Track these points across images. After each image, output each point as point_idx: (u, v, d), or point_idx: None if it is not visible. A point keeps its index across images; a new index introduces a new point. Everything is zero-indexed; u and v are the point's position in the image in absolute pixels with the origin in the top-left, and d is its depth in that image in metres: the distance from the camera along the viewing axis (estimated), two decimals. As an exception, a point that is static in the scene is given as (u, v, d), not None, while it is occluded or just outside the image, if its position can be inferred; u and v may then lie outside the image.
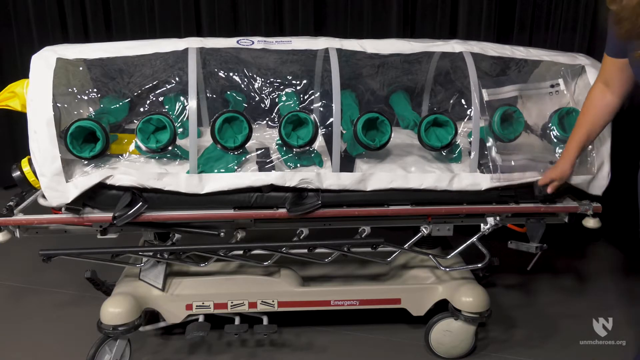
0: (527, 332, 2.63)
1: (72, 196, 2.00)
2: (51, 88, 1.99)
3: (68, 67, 2.19)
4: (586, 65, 2.28)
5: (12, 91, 2.11)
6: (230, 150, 2.13)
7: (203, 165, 2.10)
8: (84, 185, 2.00)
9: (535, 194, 2.18)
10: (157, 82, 2.31)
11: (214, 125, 2.11)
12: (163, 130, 2.13)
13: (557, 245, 3.23)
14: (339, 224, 2.26)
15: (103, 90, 2.34)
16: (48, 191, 2.00)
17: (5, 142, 4.28)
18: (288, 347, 2.50)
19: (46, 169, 1.98)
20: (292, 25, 3.76)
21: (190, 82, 2.07)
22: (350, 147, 2.26)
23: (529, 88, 2.35)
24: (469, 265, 2.42)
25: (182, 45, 2.16)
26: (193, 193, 2.07)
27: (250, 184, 2.08)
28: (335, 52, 2.18)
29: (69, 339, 2.55)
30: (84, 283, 2.51)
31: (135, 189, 2.05)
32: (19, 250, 3.04)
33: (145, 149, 2.12)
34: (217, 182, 2.07)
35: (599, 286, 3.04)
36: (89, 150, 2.05)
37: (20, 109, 2.11)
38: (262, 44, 2.21)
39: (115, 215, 2.04)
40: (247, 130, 2.12)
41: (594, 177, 2.22)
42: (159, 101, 2.31)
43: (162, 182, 2.05)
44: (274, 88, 2.37)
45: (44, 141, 1.97)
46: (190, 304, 2.33)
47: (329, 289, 2.40)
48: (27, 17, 4.03)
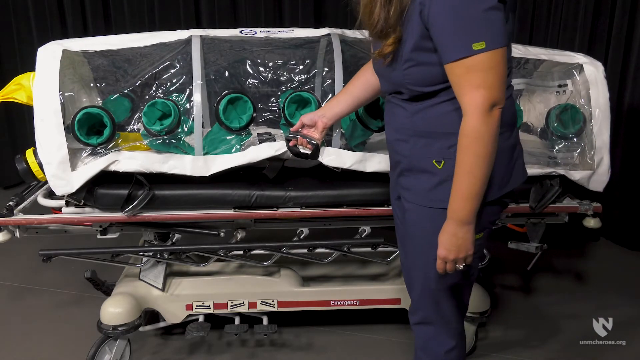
0: (527, 332, 2.63)
1: (78, 184, 2.00)
2: (58, 76, 1.99)
3: (74, 58, 2.19)
4: (584, 64, 2.27)
5: (19, 83, 2.10)
6: (235, 131, 2.13)
7: (207, 147, 2.10)
8: (89, 172, 2.00)
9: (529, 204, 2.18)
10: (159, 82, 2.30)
11: (217, 106, 2.10)
12: (168, 117, 2.13)
13: (557, 245, 3.23)
14: (339, 224, 2.26)
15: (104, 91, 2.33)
16: (53, 180, 1.99)
17: (5, 142, 4.28)
18: (288, 347, 2.50)
19: (52, 157, 1.97)
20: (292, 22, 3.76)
21: (195, 68, 2.07)
22: (348, 139, 2.25)
23: (536, 84, 2.34)
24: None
25: (186, 34, 2.17)
26: (199, 176, 2.06)
27: (252, 158, 2.05)
28: (338, 37, 2.19)
29: (69, 339, 2.55)
30: (84, 283, 2.51)
31: (140, 174, 2.04)
32: (19, 250, 3.05)
33: (150, 133, 2.11)
34: (221, 163, 2.06)
35: (599, 286, 3.04)
36: (96, 138, 2.05)
37: (25, 101, 2.10)
38: (265, 34, 2.22)
39: (123, 205, 2.04)
40: (251, 111, 2.11)
41: (594, 173, 2.21)
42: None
43: (167, 165, 2.04)
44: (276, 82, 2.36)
45: (50, 129, 1.97)
46: (190, 304, 2.33)
47: (329, 289, 2.40)
48: (27, 17, 4.03)
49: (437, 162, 1.53)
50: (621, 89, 3.32)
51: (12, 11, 4.04)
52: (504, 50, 1.38)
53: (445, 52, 1.39)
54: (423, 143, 1.54)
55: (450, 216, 1.47)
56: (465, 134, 1.40)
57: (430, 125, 1.52)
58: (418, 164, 1.56)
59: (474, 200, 1.44)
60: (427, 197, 1.56)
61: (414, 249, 1.67)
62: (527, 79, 2.32)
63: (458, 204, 1.45)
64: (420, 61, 1.46)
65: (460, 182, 1.43)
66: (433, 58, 1.44)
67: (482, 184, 1.43)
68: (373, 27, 1.50)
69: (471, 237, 1.48)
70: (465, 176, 1.42)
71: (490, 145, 1.40)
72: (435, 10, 1.37)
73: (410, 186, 1.61)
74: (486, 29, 1.36)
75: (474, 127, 1.38)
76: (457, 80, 1.41)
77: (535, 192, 2.20)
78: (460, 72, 1.38)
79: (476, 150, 1.39)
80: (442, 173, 1.52)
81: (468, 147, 1.40)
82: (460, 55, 1.37)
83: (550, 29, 3.42)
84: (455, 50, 1.37)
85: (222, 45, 2.33)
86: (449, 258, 1.50)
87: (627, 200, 3.40)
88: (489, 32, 1.36)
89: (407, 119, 1.56)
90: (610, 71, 3.24)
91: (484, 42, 1.35)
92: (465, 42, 1.35)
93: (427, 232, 1.58)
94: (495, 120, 1.39)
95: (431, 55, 1.44)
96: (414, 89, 1.50)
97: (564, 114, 2.25)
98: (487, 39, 1.35)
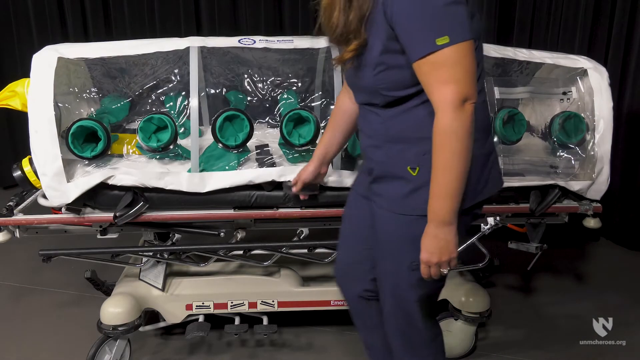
0: (527, 332, 2.63)
1: (73, 196, 2.00)
2: (52, 87, 1.98)
3: (69, 66, 2.19)
4: (589, 69, 2.26)
5: (13, 90, 2.10)
6: (232, 149, 2.13)
7: (204, 164, 2.10)
8: (85, 185, 2.00)
9: (529, 206, 2.18)
10: (158, 82, 2.31)
11: (215, 124, 2.11)
12: (164, 129, 2.13)
13: (557, 245, 3.23)
14: (339, 224, 2.25)
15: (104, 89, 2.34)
16: (49, 191, 2.00)
17: (5, 142, 4.28)
18: (288, 347, 2.50)
19: (47, 168, 1.97)
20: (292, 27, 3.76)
21: (192, 80, 2.07)
22: (350, 148, 2.26)
23: (541, 91, 2.33)
24: (469, 265, 2.42)
25: (184, 44, 2.16)
26: (195, 192, 2.07)
27: (251, 180, 2.07)
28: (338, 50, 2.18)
29: (69, 339, 2.55)
30: (84, 283, 2.51)
31: (136, 188, 2.05)
32: (19, 250, 3.05)
33: (147, 148, 2.12)
34: (218, 180, 2.07)
35: (599, 286, 3.04)
36: (90, 150, 2.05)
37: (20, 108, 2.10)
38: (264, 43, 2.21)
39: (116, 214, 2.04)
40: (248, 129, 2.11)
41: (593, 183, 2.21)
42: (160, 100, 2.31)
43: (163, 182, 2.05)
44: (274, 87, 2.37)
45: (45, 140, 1.96)
46: (190, 304, 2.33)
47: (329, 289, 2.40)
48: (27, 17, 4.03)
49: (411, 169, 1.48)
50: (621, 89, 3.32)
51: (12, 12, 4.04)
52: (469, 44, 1.35)
53: (411, 50, 1.37)
54: (397, 149, 1.50)
55: (431, 218, 1.43)
56: (438, 132, 1.36)
57: (404, 130, 1.48)
58: (392, 170, 1.52)
59: (453, 199, 1.39)
60: (400, 204, 1.51)
61: (383, 256, 1.62)
62: (532, 87, 2.31)
63: (437, 203, 1.40)
64: (391, 64, 1.43)
65: (438, 181, 1.39)
66: (402, 60, 1.41)
67: (460, 181, 1.38)
68: (332, 32, 1.47)
69: (454, 239, 1.44)
70: (442, 174, 1.38)
71: (465, 140, 1.36)
72: (397, 8, 1.35)
73: (383, 192, 1.56)
74: (449, 24, 1.33)
75: (447, 123, 1.35)
76: (425, 79, 1.37)
77: (535, 195, 2.20)
78: (427, 69, 1.35)
79: (451, 147, 1.35)
80: (416, 180, 1.48)
81: (442, 144, 1.36)
82: (424, 51, 1.33)
83: (550, 29, 3.42)
84: (420, 47, 1.34)
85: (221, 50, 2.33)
86: (432, 261, 1.45)
87: (627, 201, 3.40)
88: (451, 26, 1.33)
89: (380, 125, 1.52)
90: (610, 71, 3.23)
91: (448, 36, 1.31)
92: (429, 38, 1.32)
93: (398, 239, 1.55)
94: (468, 115, 1.35)
95: (400, 57, 1.41)
96: (388, 94, 1.47)
97: (567, 123, 2.24)
98: (451, 33, 1.32)
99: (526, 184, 2.17)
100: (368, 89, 1.51)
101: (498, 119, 2.22)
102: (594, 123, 2.20)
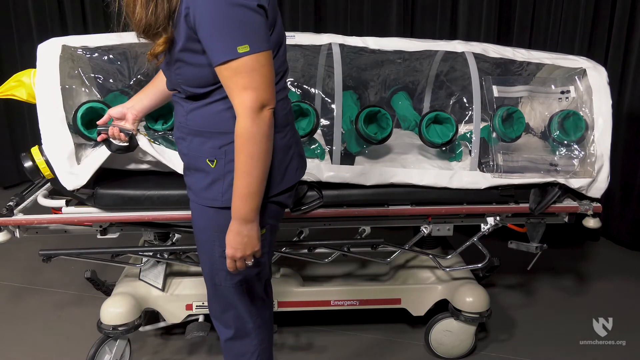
0: (527, 332, 2.64)
1: (86, 177, 2.00)
2: (58, 72, 2.00)
3: (73, 55, 2.20)
4: (588, 69, 2.26)
5: (19, 80, 2.10)
6: None
7: None
8: (95, 162, 2.00)
9: (529, 206, 2.18)
10: None
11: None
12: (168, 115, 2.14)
13: (557, 245, 3.23)
14: (339, 224, 2.26)
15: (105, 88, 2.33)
16: (64, 175, 2.00)
17: (5, 142, 4.28)
18: (288, 347, 2.50)
19: (60, 152, 1.98)
20: (292, 25, 3.76)
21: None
22: (349, 145, 2.26)
23: (539, 90, 2.34)
24: (469, 265, 2.42)
25: None
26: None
27: None
28: (338, 46, 2.19)
29: (69, 339, 2.55)
30: (84, 283, 2.51)
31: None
32: (19, 250, 3.05)
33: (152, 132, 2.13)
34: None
35: (599, 286, 3.04)
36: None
37: (25, 98, 2.10)
38: None
39: None
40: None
41: (593, 180, 2.21)
42: None
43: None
44: None
45: (55, 124, 1.98)
46: (190, 304, 2.33)
47: (329, 289, 2.40)
48: (27, 17, 4.03)
49: (210, 161, 1.55)
50: (621, 89, 3.32)
51: (12, 10, 4.04)
52: (268, 54, 1.43)
53: (213, 55, 1.42)
54: (198, 142, 1.56)
55: (234, 216, 1.50)
56: (238, 135, 1.44)
57: (203, 124, 1.54)
58: (195, 162, 1.59)
59: (254, 199, 1.48)
60: (202, 196, 1.59)
61: (199, 246, 1.70)
62: (530, 86, 2.31)
63: (238, 203, 1.48)
64: (190, 62, 1.48)
65: (239, 182, 1.47)
66: (202, 60, 1.46)
67: (259, 183, 1.47)
68: (137, 27, 1.50)
69: (256, 234, 1.52)
70: (242, 176, 1.46)
71: (263, 144, 1.44)
72: (199, 15, 1.40)
73: (190, 184, 1.64)
74: (250, 33, 1.40)
75: (245, 127, 1.42)
76: (226, 83, 1.44)
77: (535, 194, 2.20)
78: (228, 74, 1.42)
79: (249, 150, 1.43)
80: (214, 172, 1.55)
81: (242, 147, 1.44)
82: (226, 57, 1.40)
83: (550, 29, 3.42)
84: (222, 53, 1.40)
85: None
86: (236, 256, 1.53)
87: (627, 201, 3.40)
88: (252, 36, 1.40)
89: (183, 117, 1.58)
90: (610, 71, 3.23)
91: (248, 45, 1.39)
92: (231, 45, 1.39)
93: (205, 229, 1.63)
94: (265, 121, 1.43)
95: (200, 57, 1.46)
96: (187, 89, 1.53)
97: (566, 121, 2.25)
98: (251, 42, 1.39)
99: (526, 181, 2.18)
100: (172, 82, 1.58)
101: (497, 116, 2.22)
102: (593, 121, 2.21)
